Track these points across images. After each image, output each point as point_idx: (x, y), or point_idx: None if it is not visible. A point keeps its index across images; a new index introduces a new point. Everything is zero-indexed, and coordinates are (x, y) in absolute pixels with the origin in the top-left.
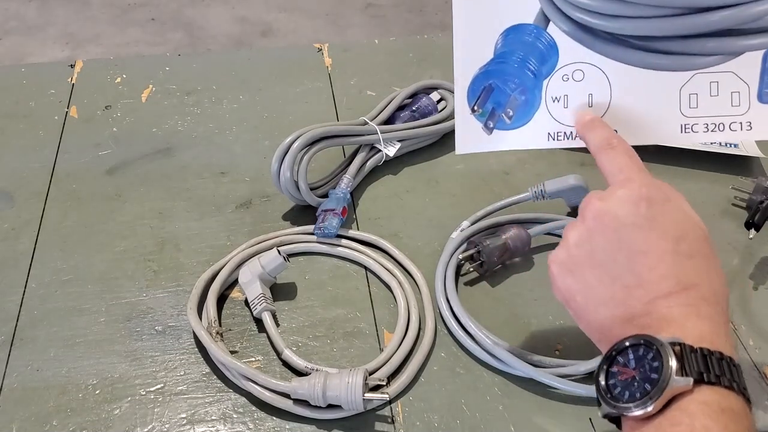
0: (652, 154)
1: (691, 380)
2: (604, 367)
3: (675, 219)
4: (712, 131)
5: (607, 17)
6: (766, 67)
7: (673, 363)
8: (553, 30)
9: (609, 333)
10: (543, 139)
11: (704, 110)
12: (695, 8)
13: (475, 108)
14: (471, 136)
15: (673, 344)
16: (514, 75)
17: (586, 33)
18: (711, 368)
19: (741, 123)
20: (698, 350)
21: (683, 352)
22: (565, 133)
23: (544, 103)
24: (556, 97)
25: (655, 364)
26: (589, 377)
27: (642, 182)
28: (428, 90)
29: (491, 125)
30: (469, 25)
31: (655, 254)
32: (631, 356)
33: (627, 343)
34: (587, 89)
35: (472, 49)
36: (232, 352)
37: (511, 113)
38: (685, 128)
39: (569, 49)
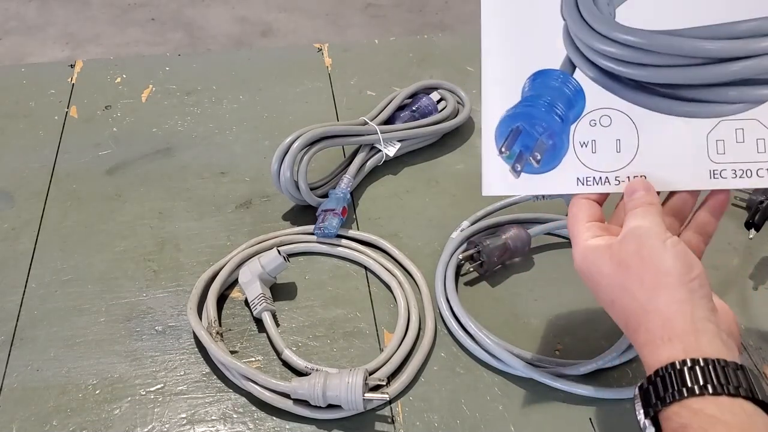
0: None
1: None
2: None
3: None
4: (740, 177)
5: (631, 65)
6: None
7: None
8: (580, 76)
9: None
10: (572, 184)
11: (731, 156)
12: (717, 59)
13: (503, 150)
14: (498, 177)
15: (635, 395)
16: (541, 119)
17: (612, 80)
18: (658, 394)
19: None
20: (644, 387)
21: (640, 394)
22: (594, 178)
23: (572, 148)
24: (584, 142)
25: None
26: (589, 377)
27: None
28: (428, 90)
29: (519, 168)
30: (498, 67)
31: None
32: None
33: None
34: (615, 135)
35: (500, 91)
36: (232, 352)
37: (539, 157)
38: (714, 174)
39: (596, 94)
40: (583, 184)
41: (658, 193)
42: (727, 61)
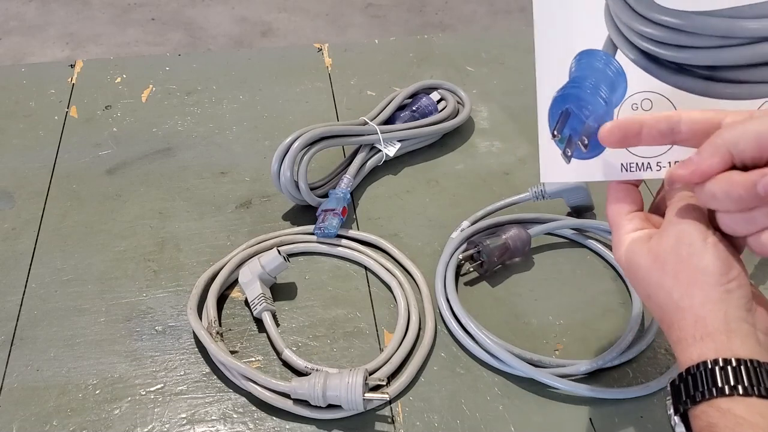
0: None
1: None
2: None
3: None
4: None
5: (672, 47)
6: None
7: (671, 410)
8: (621, 57)
9: None
10: (617, 170)
11: None
12: (760, 38)
13: (555, 133)
14: (554, 163)
15: (667, 390)
16: (587, 101)
17: (652, 62)
18: (688, 392)
19: None
20: (676, 384)
21: (671, 390)
22: (638, 164)
23: None
24: None
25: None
26: (589, 377)
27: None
28: (428, 90)
29: (569, 153)
30: (548, 47)
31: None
32: None
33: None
34: None
35: (550, 72)
36: (232, 352)
37: (586, 141)
38: None
39: (637, 77)
40: (627, 170)
41: None
42: None
